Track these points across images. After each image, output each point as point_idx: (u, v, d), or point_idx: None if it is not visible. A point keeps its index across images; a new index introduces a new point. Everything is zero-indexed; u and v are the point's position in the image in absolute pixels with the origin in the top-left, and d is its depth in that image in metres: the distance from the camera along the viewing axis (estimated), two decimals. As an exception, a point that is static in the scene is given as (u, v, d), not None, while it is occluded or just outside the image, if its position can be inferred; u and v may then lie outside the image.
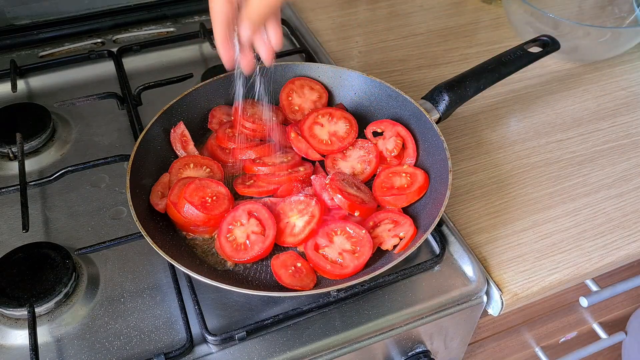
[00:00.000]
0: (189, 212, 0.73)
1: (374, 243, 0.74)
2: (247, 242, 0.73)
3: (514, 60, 0.81)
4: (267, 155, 0.83)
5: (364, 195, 0.78)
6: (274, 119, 0.88)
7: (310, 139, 0.84)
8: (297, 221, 0.75)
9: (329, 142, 0.85)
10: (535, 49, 0.88)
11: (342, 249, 0.72)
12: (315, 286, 0.71)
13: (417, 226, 0.75)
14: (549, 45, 0.86)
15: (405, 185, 0.79)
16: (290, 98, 0.90)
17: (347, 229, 0.74)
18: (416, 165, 0.83)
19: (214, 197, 0.76)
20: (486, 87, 0.83)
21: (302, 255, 0.74)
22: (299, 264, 0.72)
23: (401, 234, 0.74)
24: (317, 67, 0.91)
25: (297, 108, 0.90)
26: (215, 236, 0.75)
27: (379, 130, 0.86)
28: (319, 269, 0.72)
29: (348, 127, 0.86)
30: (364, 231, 0.73)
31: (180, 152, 0.83)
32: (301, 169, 0.82)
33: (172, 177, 0.79)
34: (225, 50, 0.68)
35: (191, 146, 0.83)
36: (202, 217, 0.73)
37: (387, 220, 0.76)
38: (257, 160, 0.82)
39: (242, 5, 0.66)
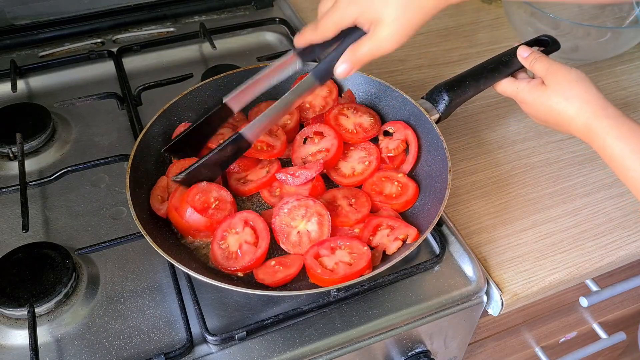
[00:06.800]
0: (191, 217, 0.72)
1: (378, 249, 0.73)
2: (239, 251, 0.72)
3: (514, 60, 0.81)
4: (250, 169, 0.83)
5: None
6: (289, 121, 0.88)
7: (336, 127, 0.84)
8: (308, 227, 0.75)
9: (355, 132, 0.85)
10: (535, 49, 0.88)
11: (340, 260, 0.72)
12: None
13: (417, 226, 0.75)
14: (549, 45, 0.86)
15: (394, 195, 0.79)
16: None
17: (351, 244, 0.73)
18: (413, 171, 0.83)
19: (217, 202, 0.75)
20: (486, 87, 0.83)
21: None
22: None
23: (400, 237, 0.74)
24: (312, 65, 0.91)
25: (308, 105, 0.90)
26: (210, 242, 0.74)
27: (390, 131, 0.86)
28: (310, 273, 0.71)
29: (372, 120, 0.86)
30: (366, 247, 0.72)
31: None
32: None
33: (170, 180, 0.79)
34: (302, 45, 0.73)
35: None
36: (205, 222, 0.73)
37: (383, 226, 0.76)
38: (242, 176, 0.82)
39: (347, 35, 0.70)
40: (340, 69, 0.71)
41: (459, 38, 1.15)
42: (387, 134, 0.86)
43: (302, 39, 0.73)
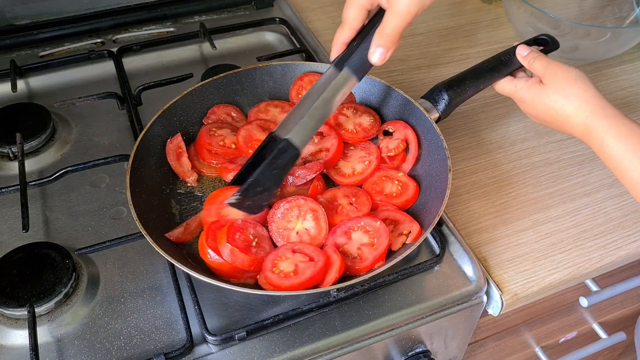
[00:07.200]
0: (233, 256, 0.68)
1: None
2: (297, 269, 0.69)
3: (513, 59, 0.81)
4: None
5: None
6: None
7: (336, 127, 0.84)
8: (305, 225, 0.75)
9: (354, 131, 0.85)
10: (534, 48, 0.88)
11: (360, 244, 0.72)
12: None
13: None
14: (548, 44, 0.86)
15: (394, 195, 0.79)
16: (300, 95, 0.90)
17: (363, 223, 0.74)
18: (413, 170, 0.83)
19: (256, 239, 0.72)
20: (486, 86, 0.83)
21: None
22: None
23: (404, 232, 0.74)
24: (317, 66, 0.91)
25: None
26: (259, 276, 0.71)
27: (390, 130, 0.86)
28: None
29: (372, 120, 0.87)
30: (379, 222, 0.73)
31: (173, 163, 0.82)
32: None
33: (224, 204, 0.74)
34: (338, 51, 0.72)
35: (184, 158, 0.82)
36: (248, 261, 0.69)
37: (387, 221, 0.76)
38: None
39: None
40: (376, 55, 0.68)
41: (459, 38, 1.15)
42: (387, 133, 0.86)
43: (336, 44, 0.72)
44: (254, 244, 0.71)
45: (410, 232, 0.74)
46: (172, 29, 1.13)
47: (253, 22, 1.12)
